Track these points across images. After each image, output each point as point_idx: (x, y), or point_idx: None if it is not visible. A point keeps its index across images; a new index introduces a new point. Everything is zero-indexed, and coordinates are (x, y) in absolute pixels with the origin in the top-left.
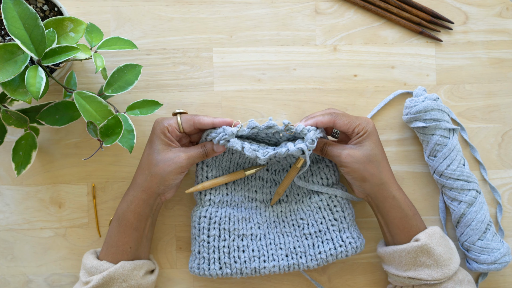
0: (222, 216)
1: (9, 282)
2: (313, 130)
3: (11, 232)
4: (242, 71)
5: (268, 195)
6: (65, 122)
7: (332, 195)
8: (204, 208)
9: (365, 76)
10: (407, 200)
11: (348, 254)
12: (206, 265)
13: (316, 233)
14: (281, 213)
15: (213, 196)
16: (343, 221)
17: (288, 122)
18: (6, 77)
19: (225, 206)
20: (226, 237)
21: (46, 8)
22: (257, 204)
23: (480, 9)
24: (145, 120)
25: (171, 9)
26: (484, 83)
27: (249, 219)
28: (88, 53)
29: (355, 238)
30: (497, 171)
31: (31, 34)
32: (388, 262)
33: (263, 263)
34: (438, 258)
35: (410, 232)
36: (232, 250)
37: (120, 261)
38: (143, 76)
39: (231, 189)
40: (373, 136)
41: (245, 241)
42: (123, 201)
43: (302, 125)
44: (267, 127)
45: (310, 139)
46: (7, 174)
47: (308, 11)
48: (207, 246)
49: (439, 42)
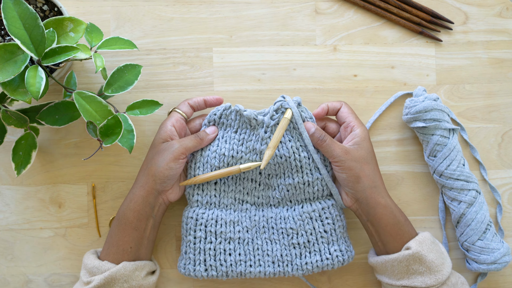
0: (209, 218)
1: (9, 282)
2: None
3: (11, 232)
4: (242, 71)
5: (260, 198)
6: (65, 122)
7: (325, 206)
8: (192, 208)
9: (365, 76)
10: (397, 207)
11: (334, 266)
12: (191, 266)
13: (305, 243)
14: (271, 219)
15: (200, 197)
16: (333, 234)
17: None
18: (6, 77)
19: (212, 208)
20: (212, 239)
21: (46, 8)
22: (247, 207)
23: (480, 9)
24: (145, 120)
25: (171, 9)
26: (484, 83)
27: (237, 222)
28: (88, 53)
29: (343, 251)
30: (497, 171)
31: (31, 34)
32: (381, 272)
33: (249, 267)
34: (430, 264)
35: (402, 239)
36: (219, 253)
37: (121, 261)
38: (143, 76)
39: (220, 191)
40: (369, 142)
41: (232, 245)
42: (124, 201)
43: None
44: (259, 112)
45: (300, 100)
46: (7, 174)
47: (308, 11)
48: (193, 247)
49: (439, 42)
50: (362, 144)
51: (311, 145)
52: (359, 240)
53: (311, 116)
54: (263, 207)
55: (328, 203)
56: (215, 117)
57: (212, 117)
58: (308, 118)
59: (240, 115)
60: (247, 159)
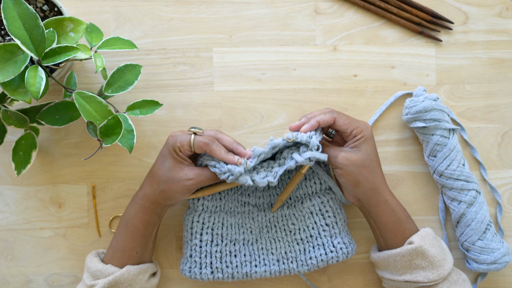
0: (216, 222)
1: (9, 282)
2: (314, 136)
3: (11, 232)
4: (242, 71)
5: (261, 198)
6: (65, 122)
7: (324, 200)
8: (197, 213)
9: (365, 76)
10: (399, 204)
11: (339, 259)
12: (197, 269)
13: (308, 238)
14: (273, 218)
15: (206, 201)
16: (335, 227)
17: (292, 135)
18: (6, 77)
19: (218, 211)
20: (218, 242)
21: (46, 8)
22: (249, 208)
23: (480, 9)
24: (145, 120)
25: (171, 9)
26: (484, 83)
27: (241, 223)
28: (88, 53)
29: (346, 243)
30: (497, 171)
31: (31, 34)
32: (383, 268)
33: (255, 267)
34: (432, 259)
35: (404, 235)
36: (224, 255)
37: (125, 265)
38: (143, 76)
39: (224, 193)
40: (370, 141)
41: (237, 246)
42: (131, 207)
43: (304, 135)
44: (271, 148)
45: (316, 145)
46: (7, 174)
47: (308, 11)
48: (199, 250)
49: (439, 42)
50: (362, 147)
51: None
52: (359, 240)
53: (325, 160)
54: (264, 207)
55: (327, 197)
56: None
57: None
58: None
59: None
60: (259, 169)
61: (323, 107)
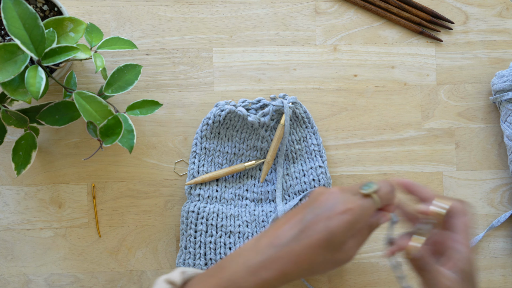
0: (210, 212)
1: (9, 282)
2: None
3: (11, 232)
4: (242, 71)
5: (259, 194)
6: (65, 122)
7: None
8: (193, 203)
9: (365, 76)
10: None
11: None
12: (191, 260)
13: None
14: (271, 213)
15: (202, 191)
16: None
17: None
18: (6, 77)
19: (214, 202)
20: (213, 233)
21: (46, 8)
22: (246, 203)
23: (480, 9)
24: (145, 120)
25: (171, 9)
26: (484, 83)
27: (237, 216)
28: (88, 53)
29: None
30: (497, 171)
31: (31, 34)
32: None
33: None
34: None
35: None
36: (219, 247)
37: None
38: (143, 76)
39: (222, 186)
40: (471, 271)
41: (232, 238)
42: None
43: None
44: (257, 101)
45: (289, 101)
46: (7, 174)
47: (308, 11)
48: (194, 241)
49: (439, 42)
50: (465, 276)
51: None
52: None
53: (305, 110)
54: (262, 203)
55: None
56: (219, 118)
57: (216, 118)
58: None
59: (243, 118)
60: (248, 156)
61: (323, 107)
